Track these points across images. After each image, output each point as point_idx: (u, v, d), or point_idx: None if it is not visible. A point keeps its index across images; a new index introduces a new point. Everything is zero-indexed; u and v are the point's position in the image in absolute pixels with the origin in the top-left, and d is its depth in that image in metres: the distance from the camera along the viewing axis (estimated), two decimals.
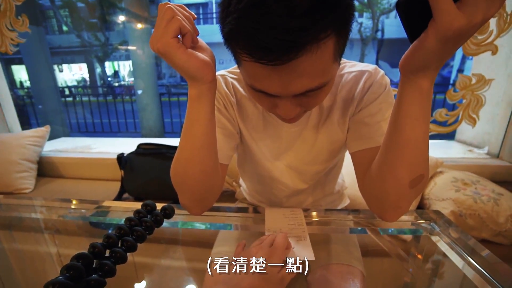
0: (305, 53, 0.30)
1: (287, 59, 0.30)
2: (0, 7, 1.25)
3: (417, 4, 0.26)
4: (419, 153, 0.37)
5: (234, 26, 0.31)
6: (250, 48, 0.31)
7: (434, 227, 0.51)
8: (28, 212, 0.67)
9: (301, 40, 0.29)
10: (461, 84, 1.16)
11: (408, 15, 0.28)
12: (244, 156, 0.61)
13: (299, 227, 0.48)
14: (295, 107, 0.38)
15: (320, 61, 0.32)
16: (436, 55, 0.29)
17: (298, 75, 0.32)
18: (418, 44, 0.29)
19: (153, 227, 0.42)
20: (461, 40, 0.27)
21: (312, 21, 0.28)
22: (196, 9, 12.45)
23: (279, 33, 0.28)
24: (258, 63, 0.31)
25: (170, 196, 1.10)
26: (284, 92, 0.35)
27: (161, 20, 0.33)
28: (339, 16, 0.31)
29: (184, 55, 0.34)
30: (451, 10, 0.25)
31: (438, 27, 0.26)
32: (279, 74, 0.32)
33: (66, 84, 13.37)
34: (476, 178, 0.97)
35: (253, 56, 0.31)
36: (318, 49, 0.30)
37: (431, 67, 0.31)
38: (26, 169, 1.35)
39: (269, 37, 0.29)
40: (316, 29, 0.29)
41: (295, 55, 0.30)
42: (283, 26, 0.28)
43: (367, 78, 0.47)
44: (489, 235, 0.83)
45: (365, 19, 10.04)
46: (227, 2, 0.32)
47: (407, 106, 0.34)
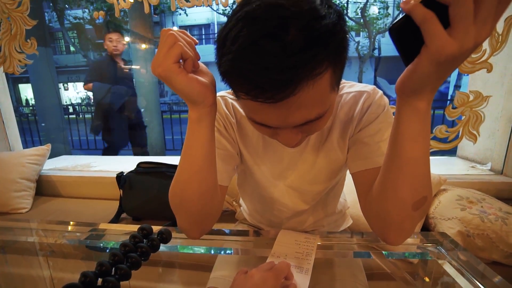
0: (302, 89, 0.30)
1: (284, 96, 0.30)
2: (11, 31, 1.30)
3: (409, 29, 0.27)
4: (420, 174, 0.36)
5: (229, 68, 0.31)
6: (246, 88, 0.31)
7: (441, 250, 0.49)
8: (23, 235, 0.65)
9: (297, 77, 0.29)
10: (459, 101, 1.17)
11: (401, 40, 0.29)
12: (244, 176, 0.60)
13: (306, 258, 0.45)
14: (296, 135, 0.38)
15: (317, 94, 0.32)
16: (430, 78, 0.29)
17: (296, 108, 0.33)
18: (412, 68, 0.29)
19: (149, 253, 0.40)
20: (455, 64, 0.28)
21: (307, 58, 0.29)
22: (198, 30, 12.93)
23: (274, 73, 0.29)
24: (255, 101, 0.32)
25: (169, 216, 1.08)
26: (283, 124, 0.35)
27: (163, 45, 0.34)
28: (334, 49, 0.31)
29: (185, 79, 0.35)
30: (442, 36, 0.25)
31: (430, 52, 0.26)
32: (277, 109, 0.33)
33: (70, 101, 13.62)
34: (481, 196, 0.95)
35: (250, 95, 0.32)
36: (314, 83, 0.31)
37: (426, 90, 0.31)
38: (24, 188, 1.33)
39: (264, 78, 0.29)
40: (311, 65, 0.29)
41: (291, 92, 0.30)
42: (278, 66, 0.28)
43: (366, 99, 0.47)
44: (500, 256, 0.80)
45: (362, 38, 10.38)
46: (221, 43, 0.32)
47: (405, 128, 0.34)
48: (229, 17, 0.33)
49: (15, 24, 1.30)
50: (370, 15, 9.77)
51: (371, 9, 9.84)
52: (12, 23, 1.30)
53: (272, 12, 0.29)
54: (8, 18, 1.29)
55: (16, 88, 12.73)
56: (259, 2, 0.30)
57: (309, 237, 0.51)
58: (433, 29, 0.25)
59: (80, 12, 9.82)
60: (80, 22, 9.98)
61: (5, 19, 1.29)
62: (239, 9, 0.32)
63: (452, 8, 0.24)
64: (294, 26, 0.28)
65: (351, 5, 9.23)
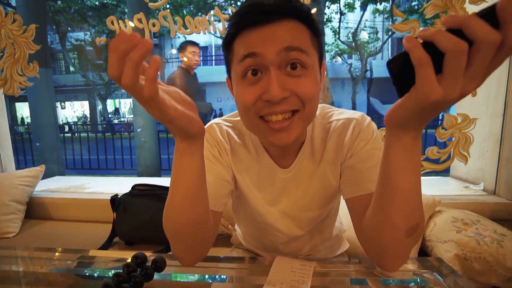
0: (284, 22, 0.41)
1: (271, 20, 0.40)
2: (15, 55, 1.33)
3: (406, 65, 0.28)
4: (411, 202, 0.37)
5: (236, 18, 0.43)
6: (245, 19, 0.42)
7: (436, 277, 0.49)
8: (7, 264, 0.63)
9: (278, 11, 0.41)
10: (448, 123, 1.20)
11: (397, 73, 0.30)
12: (238, 201, 0.61)
13: (302, 287, 0.45)
14: (282, 89, 0.41)
15: (298, 32, 0.42)
16: (414, 117, 0.30)
17: (280, 32, 0.41)
18: (400, 103, 0.31)
19: (142, 283, 0.39)
20: (438, 110, 0.29)
21: (286, 4, 0.41)
22: None
23: (264, 9, 0.41)
24: (249, 29, 0.41)
25: (163, 241, 1.06)
26: (270, 46, 0.41)
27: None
28: (312, 23, 0.43)
29: (176, 113, 0.33)
30: (432, 83, 0.26)
31: (417, 94, 0.28)
32: (265, 31, 0.41)
33: (67, 120, 13.62)
34: (476, 218, 0.95)
35: (247, 23, 0.41)
36: (295, 24, 0.42)
37: (411, 126, 0.32)
38: (13, 211, 1.30)
39: (258, 11, 0.41)
40: (287, 11, 0.41)
41: (276, 18, 0.41)
42: (267, 5, 0.41)
43: (355, 126, 0.49)
44: (499, 281, 0.79)
45: (354, 60, 10.81)
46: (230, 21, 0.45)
47: (392, 158, 0.35)
48: None
49: (19, 49, 1.33)
50: (361, 39, 10.26)
51: (362, 34, 10.35)
52: (17, 47, 1.34)
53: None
54: (13, 43, 1.33)
55: (13, 106, 12.75)
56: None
57: (305, 264, 0.51)
58: (425, 73, 0.26)
59: (81, 35, 10.14)
60: (81, 44, 10.27)
61: (10, 44, 1.33)
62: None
63: (447, 58, 0.25)
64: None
65: (343, 30, 9.71)
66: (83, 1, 8.36)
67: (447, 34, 0.25)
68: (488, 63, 0.25)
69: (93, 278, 0.56)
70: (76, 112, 14.30)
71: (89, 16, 8.79)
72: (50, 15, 7.72)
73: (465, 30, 0.24)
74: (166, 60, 13.06)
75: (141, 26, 1.31)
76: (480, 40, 0.24)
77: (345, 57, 10.95)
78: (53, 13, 7.93)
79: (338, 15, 8.95)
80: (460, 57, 0.24)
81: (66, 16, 8.51)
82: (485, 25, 0.23)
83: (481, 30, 0.23)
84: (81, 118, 14.05)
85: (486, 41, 0.23)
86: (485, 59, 0.24)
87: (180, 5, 7.58)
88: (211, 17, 1.32)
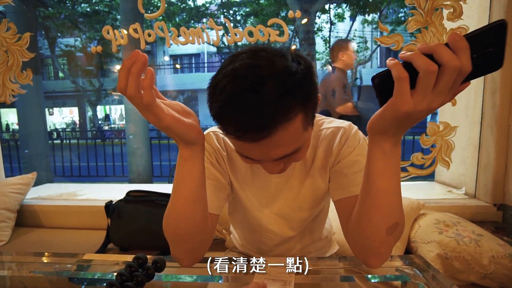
0: (277, 131, 0.37)
1: (263, 137, 0.37)
2: (8, 63, 1.34)
3: (387, 81, 0.33)
4: (391, 203, 0.41)
5: (218, 113, 0.39)
6: (232, 130, 0.38)
7: (417, 273, 0.53)
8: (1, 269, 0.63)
9: (272, 122, 0.37)
10: (431, 130, 1.28)
11: (379, 87, 0.35)
12: (234, 204, 0.64)
13: (287, 273, 0.49)
14: (278, 165, 0.44)
15: (291, 133, 0.39)
16: (392, 125, 0.35)
17: (274, 146, 0.40)
18: (380, 112, 0.35)
19: (144, 282, 0.42)
20: (411, 120, 0.33)
21: (280, 107, 0.36)
22: (189, 59, 13.39)
23: (254, 119, 0.36)
24: (240, 140, 0.39)
25: (157, 247, 1.07)
26: (265, 158, 0.42)
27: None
28: (303, 97, 0.38)
29: (173, 120, 0.37)
30: (405, 95, 0.30)
31: (393, 104, 0.32)
32: (259, 147, 0.39)
33: (55, 126, 13.31)
34: (456, 219, 1.01)
35: (235, 135, 0.39)
36: (288, 126, 0.38)
37: (389, 133, 0.36)
38: (3, 219, 1.28)
39: (246, 123, 0.36)
40: (284, 112, 0.37)
41: (268, 134, 0.37)
42: (256, 113, 0.36)
43: (343, 134, 0.54)
44: (477, 278, 0.84)
45: None
46: (212, 91, 0.39)
47: (373, 162, 0.39)
48: (219, 69, 0.40)
49: (12, 57, 1.34)
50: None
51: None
52: (10, 55, 1.34)
53: (251, 71, 0.36)
54: (6, 51, 1.34)
55: None
56: (241, 62, 0.37)
57: None
58: (401, 87, 0.30)
59: (71, 41, 10.03)
60: (71, 49, 10.15)
61: (3, 52, 1.34)
62: (227, 64, 0.39)
63: (420, 76, 0.30)
64: (269, 82, 0.36)
65: (333, 39, 9.97)
66: (74, 7, 8.32)
67: (423, 56, 0.30)
68: (451, 83, 0.30)
69: (89, 282, 0.58)
70: (65, 118, 14.00)
71: (80, 22, 8.73)
72: (39, 20, 7.64)
73: (434, 55, 0.29)
74: (158, 67, 13.04)
75: (136, 36, 1.34)
76: (445, 64, 0.29)
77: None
78: (43, 18, 7.85)
79: (328, 24, 9.22)
80: (430, 75, 0.30)
81: (56, 22, 8.43)
82: (449, 52, 0.29)
83: (446, 56, 0.29)
84: (70, 125, 13.76)
85: (450, 65, 0.29)
86: (449, 79, 0.30)
87: (173, 13, 7.65)
88: (205, 28, 1.37)
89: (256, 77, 0.36)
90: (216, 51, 11.91)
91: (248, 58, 0.38)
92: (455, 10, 1.14)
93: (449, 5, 1.14)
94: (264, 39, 1.30)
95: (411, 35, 1.26)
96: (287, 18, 1.97)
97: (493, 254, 0.84)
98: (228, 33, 1.33)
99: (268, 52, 0.39)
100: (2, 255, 0.73)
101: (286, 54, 0.39)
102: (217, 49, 11.33)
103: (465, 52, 0.28)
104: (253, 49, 0.39)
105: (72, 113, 13.91)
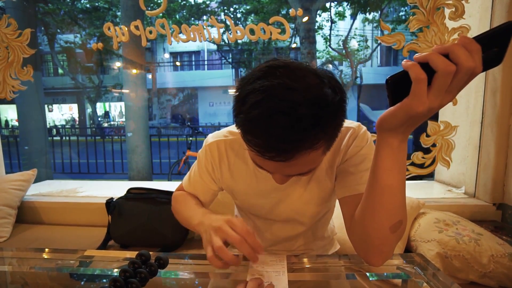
0: (299, 156, 0.38)
1: (282, 160, 0.38)
2: (8, 58, 1.33)
3: (402, 82, 0.33)
4: (395, 200, 0.41)
5: (244, 127, 0.39)
6: (254, 144, 0.39)
7: (418, 271, 0.54)
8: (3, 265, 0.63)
9: (297, 149, 0.37)
10: (431, 130, 1.28)
11: (393, 88, 0.35)
12: (240, 209, 0.68)
13: (280, 263, 0.50)
14: (288, 178, 0.46)
15: (311, 158, 0.40)
16: (402, 123, 0.35)
17: (291, 166, 0.40)
18: (391, 111, 0.35)
19: (147, 278, 0.42)
20: (423, 118, 0.34)
21: (308, 136, 0.37)
22: (189, 57, 13.36)
23: (279, 143, 0.36)
24: (258, 155, 0.39)
25: (158, 243, 1.07)
26: (279, 173, 0.45)
27: None
28: (332, 130, 0.39)
29: None
30: (423, 96, 0.31)
31: (408, 104, 0.33)
32: (276, 164, 0.40)
33: (54, 123, 13.29)
34: (456, 219, 1.01)
35: (255, 150, 0.39)
36: (310, 152, 0.39)
37: (399, 131, 0.37)
38: (4, 216, 1.28)
39: (273, 145, 0.37)
40: (310, 141, 0.37)
41: (290, 158, 0.38)
42: (283, 138, 0.36)
43: (351, 134, 0.54)
44: (476, 277, 0.85)
45: (345, 67, 11.07)
46: (242, 100, 0.39)
47: (381, 159, 0.40)
48: (249, 77, 0.39)
49: (13, 53, 1.33)
50: (351, 47, 10.54)
51: (352, 42, 10.64)
52: (10, 51, 1.34)
53: (288, 94, 0.35)
54: (7, 47, 1.33)
55: None
56: (279, 81, 0.36)
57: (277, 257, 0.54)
58: (420, 88, 0.31)
59: (71, 37, 9.99)
60: (71, 46, 10.11)
61: (3, 47, 1.33)
62: (260, 76, 0.38)
63: (438, 75, 0.30)
64: (303, 109, 0.35)
65: (334, 38, 9.95)
66: (74, 3, 8.27)
67: (441, 56, 0.30)
68: (463, 83, 0.31)
69: (90, 278, 0.58)
70: (65, 115, 13.96)
71: (80, 18, 8.69)
72: (39, 16, 7.59)
73: (451, 55, 0.30)
74: (158, 64, 12.99)
75: (137, 33, 1.34)
76: (461, 63, 0.29)
77: (336, 63, 11.22)
78: (42, 14, 7.80)
79: (329, 23, 9.20)
80: (448, 75, 0.30)
81: (56, 18, 8.38)
82: (466, 53, 0.29)
83: (463, 56, 0.29)
84: (69, 121, 13.74)
85: (466, 65, 0.29)
86: (463, 79, 0.31)
87: (174, 9, 7.61)
88: (206, 25, 1.36)
89: (291, 101, 0.35)
90: (216, 49, 11.88)
91: (285, 77, 0.36)
92: (457, 9, 1.13)
93: (451, 4, 1.14)
94: (266, 37, 1.30)
95: (412, 34, 1.26)
96: (288, 16, 1.97)
97: (493, 253, 0.85)
98: (229, 30, 1.32)
99: (305, 72, 0.38)
100: (3, 251, 0.73)
101: (323, 76, 0.39)
102: (217, 47, 11.30)
103: (478, 54, 0.29)
104: (291, 66, 0.38)
105: (71, 109, 13.89)
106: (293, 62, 0.39)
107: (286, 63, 0.39)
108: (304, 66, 0.39)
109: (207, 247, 0.44)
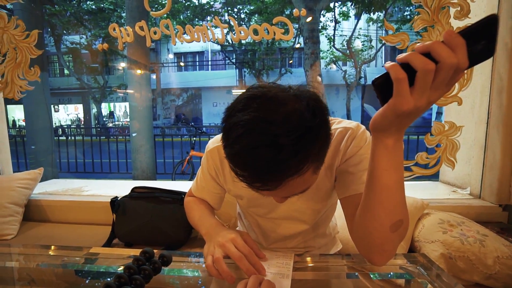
0: (288, 181, 0.38)
1: (273, 188, 0.39)
2: (16, 59, 1.36)
3: (387, 82, 0.34)
4: (394, 199, 0.41)
5: (230, 158, 0.39)
6: (240, 175, 0.39)
7: (421, 271, 0.54)
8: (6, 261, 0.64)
9: (282, 178, 0.38)
10: (436, 130, 1.27)
11: (380, 88, 0.35)
12: (241, 209, 0.69)
13: (286, 267, 0.50)
14: (284, 198, 0.47)
15: (301, 181, 0.40)
16: (394, 123, 0.36)
17: (282, 190, 0.40)
18: (381, 111, 0.36)
19: (151, 275, 0.43)
20: (412, 117, 0.34)
21: (293, 163, 0.36)
22: (192, 57, 13.42)
23: (265, 175, 0.37)
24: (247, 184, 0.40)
25: (161, 242, 1.08)
26: (272, 196, 0.46)
27: None
28: (317, 151, 0.39)
29: None
30: (405, 95, 0.32)
31: (393, 104, 0.33)
32: (269, 193, 0.42)
33: (60, 123, 13.46)
34: (461, 219, 1.01)
35: (245, 183, 0.40)
36: (297, 177, 0.39)
37: (391, 130, 0.37)
38: (11, 213, 1.30)
39: (258, 177, 0.38)
40: (296, 167, 0.37)
41: (278, 185, 0.38)
42: (268, 169, 0.36)
43: (350, 134, 0.54)
44: (481, 278, 0.84)
45: (349, 67, 11.01)
46: (227, 132, 0.39)
47: (377, 159, 0.40)
48: (234, 106, 0.39)
49: (20, 53, 1.36)
50: (355, 47, 10.49)
51: (356, 42, 10.59)
52: (18, 52, 1.36)
53: (266, 128, 0.36)
54: (15, 48, 1.36)
55: (5, 109, 12.52)
56: (256, 114, 0.36)
57: (285, 256, 0.54)
58: (401, 87, 0.32)
59: (77, 38, 10.12)
60: (76, 47, 10.24)
61: (11, 48, 1.36)
62: (240, 108, 0.38)
63: (418, 74, 0.31)
64: (284, 140, 0.35)
65: (338, 38, 9.91)
66: (79, 5, 8.37)
67: (419, 55, 0.30)
68: (448, 79, 0.31)
69: (95, 275, 0.58)
70: (70, 115, 14.14)
71: (86, 19, 8.79)
72: (46, 18, 7.71)
73: (432, 53, 0.30)
74: (162, 65, 13.08)
75: (142, 33, 1.35)
76: (442, 61, 0.29)
77: (340, 64, 11.18)
78: (49, 16, 7.92)
79: (333, 23, 9.16)
80: (428, 74, 0.30)
81: (62, 19, 8.49)
82: (446, 49, 0.29)
83: (443, 53, 0.29)
84: (75, 121, 13.90)
85: (447, 61, 0.29)
86: (447, 75, 0.30)
87: (178, 10, 7.66)
88: (210, 26, 1.37)
89: (271, 134, 0.35)
90: (220, 49, 11.92)
91: (263, 109, 0.37)
92: (463, 9, 1.12)
93: (456, 3, 1.13)
94: (269, 37, 1.30)
95: (417, 34, 1.25)
96: (291, 16, 1.97)
97: (498, 255, 0.84)
98: (233, 31, 1.33)
99: (283, 99, 0.37)
100: (10, 247, 0.74)
101: (302, 98, 0.38)
102: (221, 47, 11.34)
103: (462, 49, 0.29)
104: (268, 95, 0.38)
105: (77, 110, 14.05)
106: (271, 90, 0.39)
107: (264, 92, 0.38)
108: (282, 93, 0.39)
109: (208, 256, 0.47)
